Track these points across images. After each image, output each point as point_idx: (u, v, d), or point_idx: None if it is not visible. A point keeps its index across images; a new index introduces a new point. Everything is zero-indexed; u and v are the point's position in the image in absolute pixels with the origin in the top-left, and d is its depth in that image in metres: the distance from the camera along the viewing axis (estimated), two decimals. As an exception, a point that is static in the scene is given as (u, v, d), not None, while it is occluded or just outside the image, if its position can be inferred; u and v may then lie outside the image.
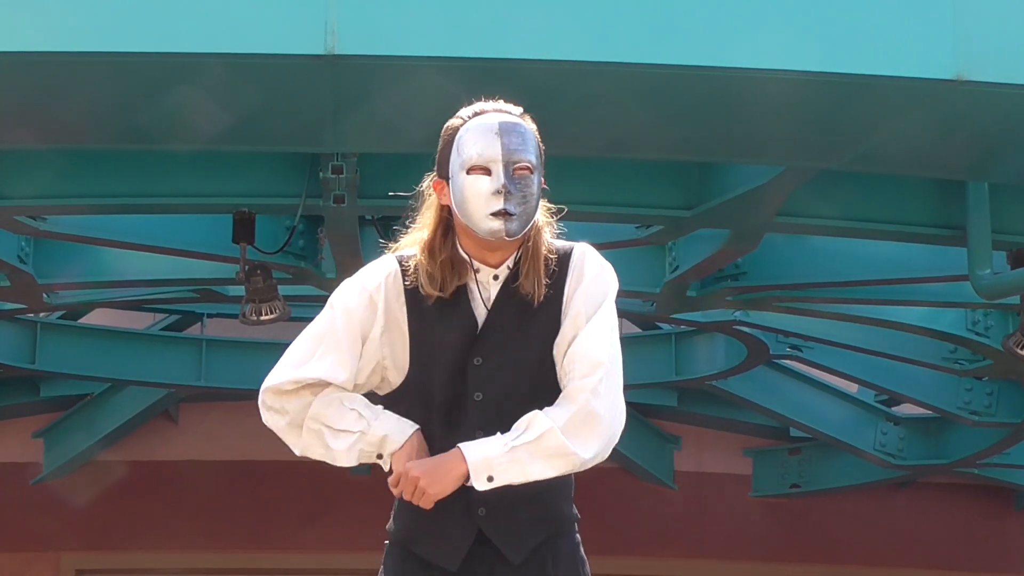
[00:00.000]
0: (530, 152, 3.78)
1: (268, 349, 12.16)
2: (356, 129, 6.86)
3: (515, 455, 3.66)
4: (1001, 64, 6.45)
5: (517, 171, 3.76)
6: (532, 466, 3.68)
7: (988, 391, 11.37)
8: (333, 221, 8.15)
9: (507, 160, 3.75)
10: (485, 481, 3.65)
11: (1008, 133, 6.83)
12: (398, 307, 3.82)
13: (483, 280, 3.81)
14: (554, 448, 3.68)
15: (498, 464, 3.66)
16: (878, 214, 8.25)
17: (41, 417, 13.01)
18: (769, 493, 13.62)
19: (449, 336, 3.79)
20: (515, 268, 3.81)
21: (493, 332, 3.79)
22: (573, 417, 3.70)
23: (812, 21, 6.42)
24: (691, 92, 6.55)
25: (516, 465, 3.66)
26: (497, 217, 3.73)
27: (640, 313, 10.11)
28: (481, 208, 3.74)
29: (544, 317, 3.79)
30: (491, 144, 3.76)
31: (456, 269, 3.80)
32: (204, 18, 6.28)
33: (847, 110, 6.68)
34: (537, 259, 3.80)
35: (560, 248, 3.87)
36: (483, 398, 3.77)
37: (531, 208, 3.78)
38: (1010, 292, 8.54)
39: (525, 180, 3.77)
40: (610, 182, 8.07)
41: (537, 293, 3.77)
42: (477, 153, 3.76)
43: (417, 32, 6.32)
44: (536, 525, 3.79)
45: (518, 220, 3.75)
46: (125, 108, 6.68)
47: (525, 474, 3.67)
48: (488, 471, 3.66)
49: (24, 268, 8.98)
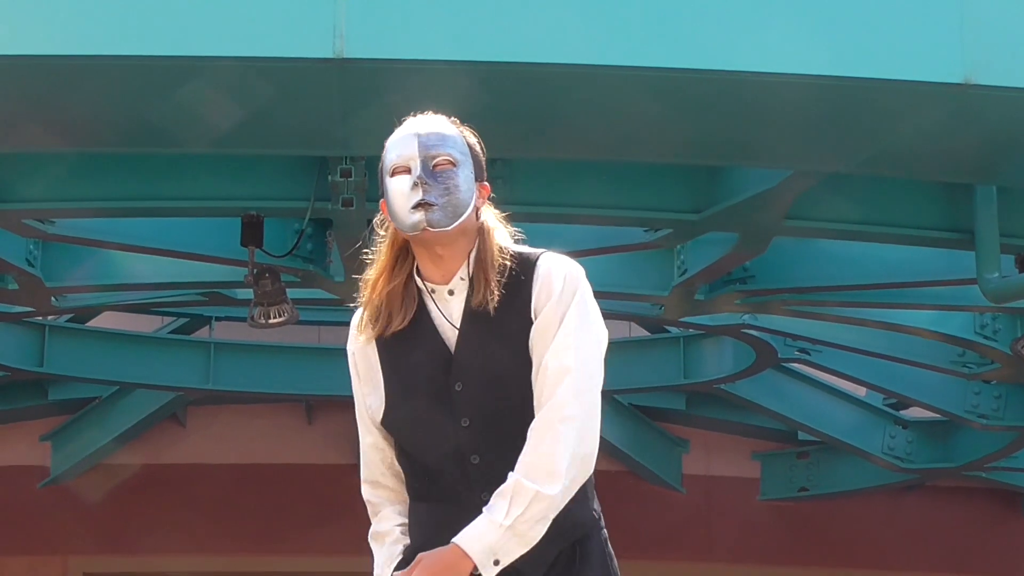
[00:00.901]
0: (450, 147, 3.75)
1: (276, 352, 12.21)
2: (365, 132, 6.85)
3: (513, 531, 3.64)
4: (1009, 68, 6.46)
5: (437, 166, 3.74)
6: (532, 532, 3.66)
7: (996, 394, 11.37)
8: (342, 224, 8.15)
9: (424, 155, 3.74)
10: (492, 566, 3.63)
11: (1016, 136, 6.84)
12: (370, 351, 3.82)
13: (439, 299, 3.77)
14: (545, 507, 3.65)
15: (500, 547, 3.63)
16: (886, 217, 8.25)
17: (49, 420, 13.02)
18: (777, 496, 13.62)
19: (423, 365, 3.76)
20: (471, 282, 3.77)
21: (466, 354, 3.74)
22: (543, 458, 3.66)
23: (821, 25, 6.43)
24: (701, 95, 6.56)
25: (516, 539, 3.64)
26: (417, 209, 3.71)
27: (648, 316, 10.10)
28: (403, 204, 3.73)
29: (514, 327, 3.73)
30: (408, 144, 3.76)
31: (407, 297, 3.78)
32: (213, 21, 6.29)
33: (856, 114, 6.69)
34: (488, 265, 3.75)
35: (523, 254, 3.80)
36: (470, 424, 3.74)
37: (458, 201, 3.72)
38: (1018, 296, 8.54)
39: (446, 173, 3.74)
40: (619, 186, 8.06)
41: (490, 300, 3.71)
42: (397, 155, 3.77)
43: (424, 35, 6.32)
44: (553, 539, 3.72)
45: (440, 210, 3.70)
46: (134, 110, 6.69)
47: (528, 542, 3.66)
48: (492, 556, 3.63)
49: (32, 271, 8.99)
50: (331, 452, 13.23)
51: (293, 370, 12.22)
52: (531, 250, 3.82)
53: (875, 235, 8.40)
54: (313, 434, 13.33)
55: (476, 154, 3.83)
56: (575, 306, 3.74)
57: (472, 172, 3.79)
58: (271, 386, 12.29)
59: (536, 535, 3.66)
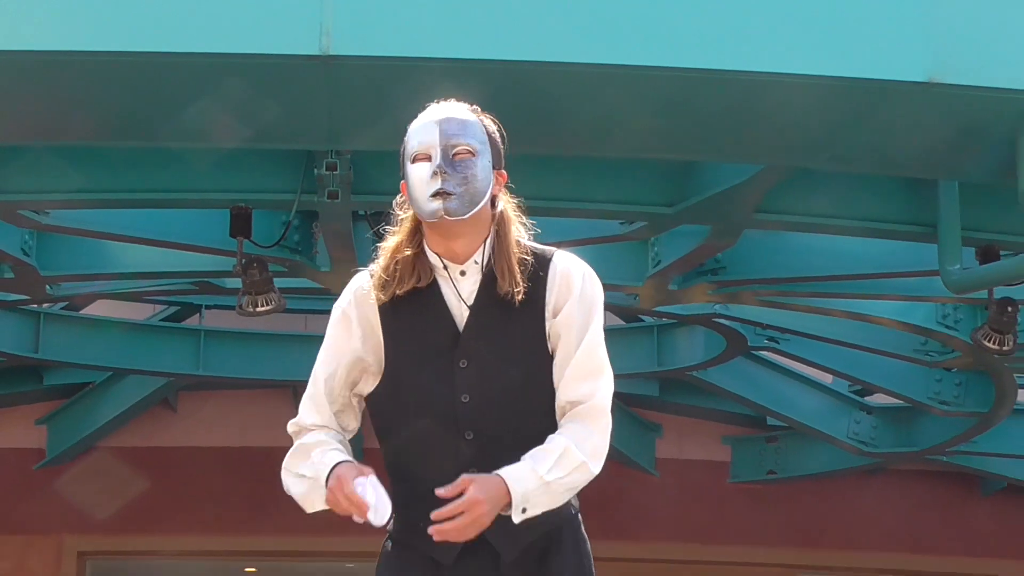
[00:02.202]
0: (470, 137, 3.74)
1: (264, 340, 12.17)
2: (350, 127, 6.84)
3: (550, 489, 3.63)
4: (972, 67, 6.44)
5: (457, 155, 3.72)
6: (560, 497, 3.67)
7: (957, 382, 11.38)
8: (327, 216, 8.13)
9: (444, 144, 3.72)
10: (520, 513, 3.61)
11: (978, 133, 6.83)
12: (372, 314, 3.78)
13: (453, 276, 3.76)
14: (582, 480, 3.69)
15: (534, 498, 3.62)
16: (852, 211, 8.25)
17: (44, 404, 12.99)
18: (747, 479, 13.63)
19: (429, 334, 3.75)
20: (488, 266, 3.76)
21: (476, 333, 3.73)
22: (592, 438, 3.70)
23: (791, 25, 6.41)
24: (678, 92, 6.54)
25: (547, 497, 3.63)
26: (436, 197, 3.69)
27: (623, 306, 10.10)
28: (423, 192, 3.71)
29: (526, 319, 3.73)
30: (430, 131, 3.74)
31: (419, 267, 3.76)
32: (204, 20, 6.25)
33: (824, 111, 6.67)
34: (508, 256, 3.75)
35: (537, 250, 3.82)
36: (470, 400, 3.72)
37: (475, 190, 3.72)
38: (978, 287, 8.54)
39: (465, 163, 3.72)
40: (595, 180, 8.05)
41: (515, 292, 3.71)
42: (418, 142, 3.75)
43: (409, 34, 6.30)
44: (533, 526, 3.71)
45: (458, 200, 3.69)
46: (126, 106, 6.66)
47: (553, 504, 3.66)
48: (524, 504, 3.61)
49: (28, 260, 8.96)
50: (317, 436, 13.23)
51: (280, 357, 12.19)
52: (544, 247, 3.85)
53: (841, 228, 8.40)
54: (299, 418, 13.31)
55: (495, 142, 3.82)
56: (599, 307, 3.80)
57: (490, 160, 3.78)
58: (259, 372, 12.26)
59: (559, 502, 3.67)
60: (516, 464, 3.63)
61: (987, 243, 8.31)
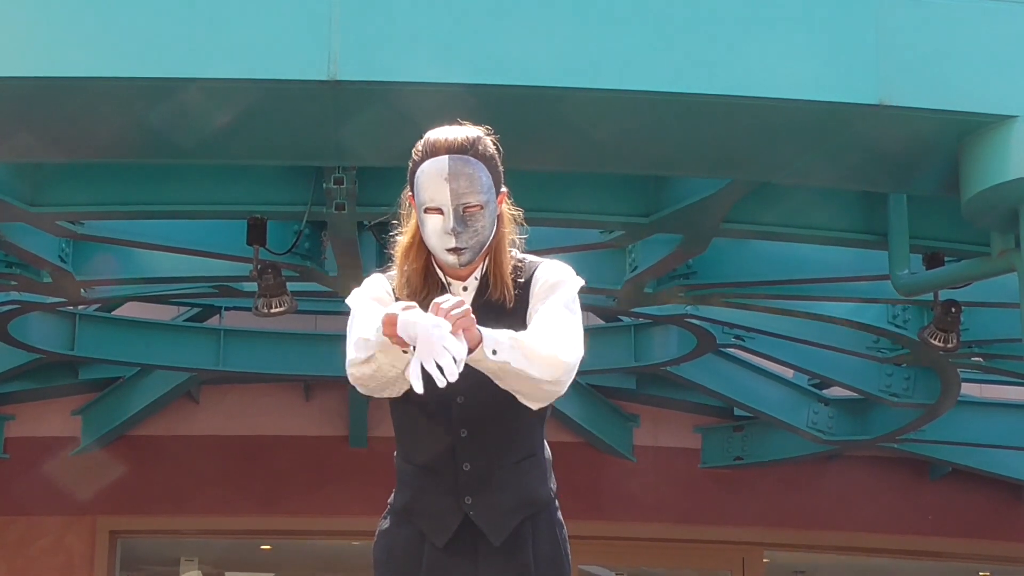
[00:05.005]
0: (478, 192, 3.68)
1: (278, 338, 12.17)
2: (355, 145, 6.84)
3: (516, 343, 3.52)
4: (919, 90, 6.45)
5: (467, 211, 3.69)
6: (527, 359, 3.54)
7: (906, 376, 11.39)
8: (335, 226, 8.13)
9: (456, 203, 3.67)
10: (491, 353, 3.50)
11: (924, 151, 6.84)
12: (388, 300, 3.73)
13: (454, 292, 3.75)
14: (546, 353, 3.57)
15: (503, 345, 3.51)
16: (811, 221, 8.25)
17: (79, 397, 12.96)
18: (716, 465, 13.62)
19: None
20: (483, 279, 3.76)
21: None
22: (571, 341, 3.63)
23: (754, 53, 6.41)
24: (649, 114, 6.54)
25: (517, 352, 3.52)
26: (451, 253, 3.69)
27: (603, 307, 10.10)
28: (438, 243, 3.70)
29: (515, 323, 3.69)
30: (441, 189, 3.67)
31: (428, 279, 3.76)
32: (224, 48, 6.26)
33: (783, 132, 6.68)
34: (503, 269, 3.75)
35: (529, 261, 3.82)
36: (465, 402, 3.72)
37: (483, 237, 3.72)
38: (925, 290, 8.56)
39: (474, 217, 3.69)
40: (577, 193, 8.06)
41: (507, 297, 3.72)
42: (429, 197, 3.69)
43: (410, 60, 6.30)
44: (516, 510, 3.73)
45: (469, 251, 3.70)
46: (152, 127, 6.66)
47: (522, 360, 3.52)
48: (494, 345, 3.50)
49: (64, 267, 8.95)
50: (326, 426, 13.22)
51: (293, 353, 12.19)
52: (535, 258, 3.84)
53: (801, 236, 8.40)
54: (311, 410, 13.30)
55: (495, 167, 3.77)
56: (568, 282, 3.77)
57: (495, 197, 3.75)
58: (273, 367, 12.25)
59: (526, 364, 3.53)
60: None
61: (933, 250, 8.33)
